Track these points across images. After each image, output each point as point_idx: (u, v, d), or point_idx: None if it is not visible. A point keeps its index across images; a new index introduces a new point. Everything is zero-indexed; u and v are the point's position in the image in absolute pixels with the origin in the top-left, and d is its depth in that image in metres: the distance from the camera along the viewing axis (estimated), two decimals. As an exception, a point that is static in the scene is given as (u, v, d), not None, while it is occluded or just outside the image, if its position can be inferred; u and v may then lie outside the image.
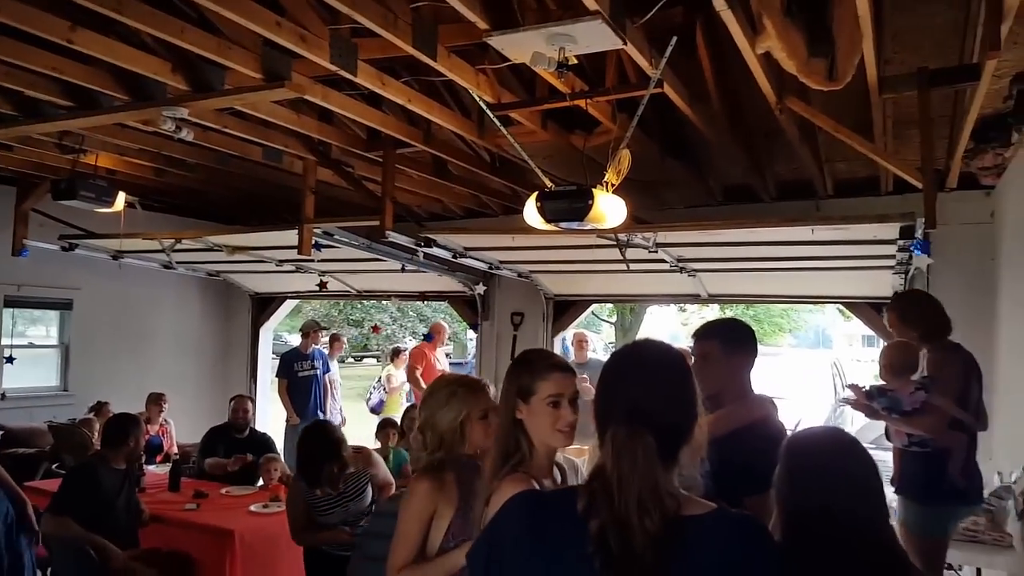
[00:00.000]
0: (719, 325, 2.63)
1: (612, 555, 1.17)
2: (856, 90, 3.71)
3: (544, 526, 1.29)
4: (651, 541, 1.16)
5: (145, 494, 4.89)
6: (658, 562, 1.16)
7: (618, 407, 1.28)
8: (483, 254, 5.93)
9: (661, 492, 1.20)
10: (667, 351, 1.39)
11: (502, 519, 1.36)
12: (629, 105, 3.75)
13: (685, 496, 1.27)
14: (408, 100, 3.85)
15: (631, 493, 1.19)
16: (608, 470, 1.22)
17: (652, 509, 1.18)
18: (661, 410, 1.28)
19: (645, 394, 1.29)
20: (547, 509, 1.33)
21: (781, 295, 6.49)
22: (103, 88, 3.83)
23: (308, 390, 7.74)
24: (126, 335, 7.88)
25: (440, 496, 2.26)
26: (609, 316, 16.94)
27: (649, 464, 1.21)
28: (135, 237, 6.06)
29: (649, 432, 1.23)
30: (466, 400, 2.36)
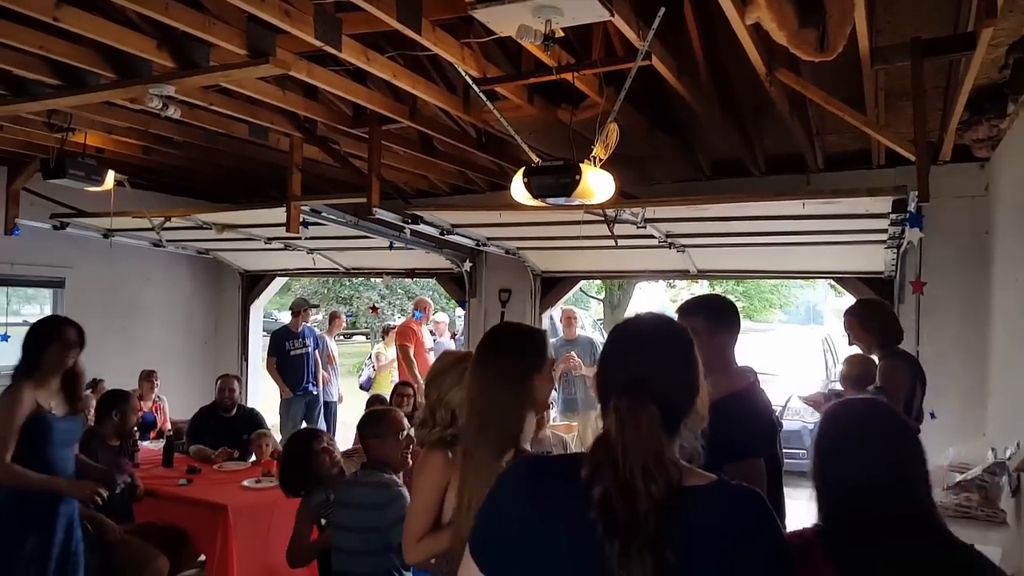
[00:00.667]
0: (703, 301, 2.65)
1: (616, 520, 1.17)
2: (847, 61, 3.66)
3: (546, 491, 1.29)
4: (654, 507, 1.17)
5: (139, 469, 4.92)
6: (661, 528, 1.16)
7: (620, 378, 1.28)
8: (470, 231, 5.90)
9: (665, 460, 1.21)
10: (669, 323, 1.41)
11: (504, 483, 1.36)
12: (616, 78, 3.71)
13: (687, 467, 1.28)
14: (393, 75, 3.81)
15: (636, 460, 1.20)
16: (612, 438, 1.23)
17: (657, 476, 1.19)
18: (663, 381, 1.28)
19: (647, 365, 1.30)
20: (549, 474, 1.33)
21: (771, 271, 6.49)
22: (89, 66, 3.79)
23: (300, 367, 7.77)
24: (118, 313, 7.88)
25: (453, 468, 2.26)
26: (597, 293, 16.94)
27: (653, 432, 1.22)
28: (125, 215, 6.04)
29: (652, 402, 1.23)
30: None
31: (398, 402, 5.84)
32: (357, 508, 2.99)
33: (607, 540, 1.16)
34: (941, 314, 5.37)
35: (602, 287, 16.57)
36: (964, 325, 5.24)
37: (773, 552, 1.23)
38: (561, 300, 7.32)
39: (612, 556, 1.15)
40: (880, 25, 3.62)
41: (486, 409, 2.01)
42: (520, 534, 1.26)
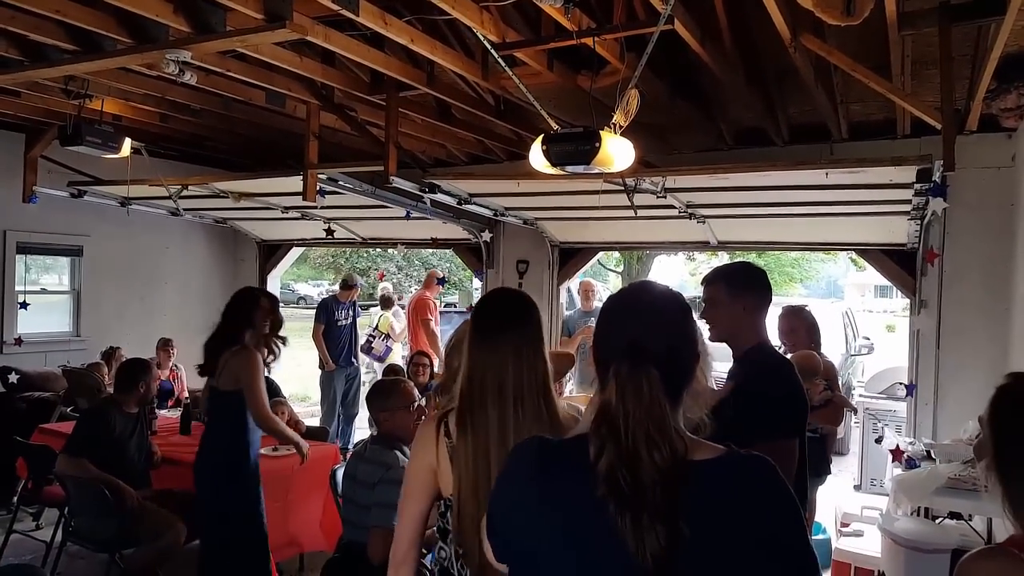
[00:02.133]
0: (725, 268, 2.59)
1: (623, 493, 1.13)
2: (874, 27, 3.58)
3: (554, 474, 1.26)
4: (660, 476, 1.13)
5: (157, 437, 4.98)
6: (670, 498, 1.12)
7: (620, 344, 1.24)
8: (488, 200, 5.86)
9: (668, 427, 1.17)
10: (666, 290, 1.38)
11: (513, 467, 1.34)
12: (638, 44, 3.64)
13: (693, 439, 1.24)
14: (411, 40, 3.76)
15: (639, 427, 1.16)
16: (613, 406, 1.19)
17: (661, 443, 1.15)
18: (663, 346, 1.24)
19: (646, 330, 1.26)
20: (557, 457, 1.29)
21: (793, 242, 6.41)
22: (106, 31, 3.76)
23: (342, 338, 7.79)
24: (135, 281, 7.96)
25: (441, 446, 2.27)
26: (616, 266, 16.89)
27: (655, 397, 1.18)
28: (142, 183, 6.05)
29: (652, 366, 1.19)
30: None
31: (414, 371, 5.87)
32: (358, 484, 3.00)
33: (619, 514, 1.13)
34: (964, 285, 5.30)
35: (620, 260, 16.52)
36: (987, 297, 5.17)
37: (788, 519, 1.19)
38: (579, 271, 7.28)
39: (626, 529, 1.12)
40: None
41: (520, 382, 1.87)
42: (530, 519, 1.24)
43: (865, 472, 7.16)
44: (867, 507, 5.20)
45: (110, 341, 6.98)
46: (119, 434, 4.31)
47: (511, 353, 1.86)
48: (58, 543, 4.49)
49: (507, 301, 2.01)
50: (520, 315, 1.93)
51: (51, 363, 6.86)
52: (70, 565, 4.66)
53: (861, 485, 7.12)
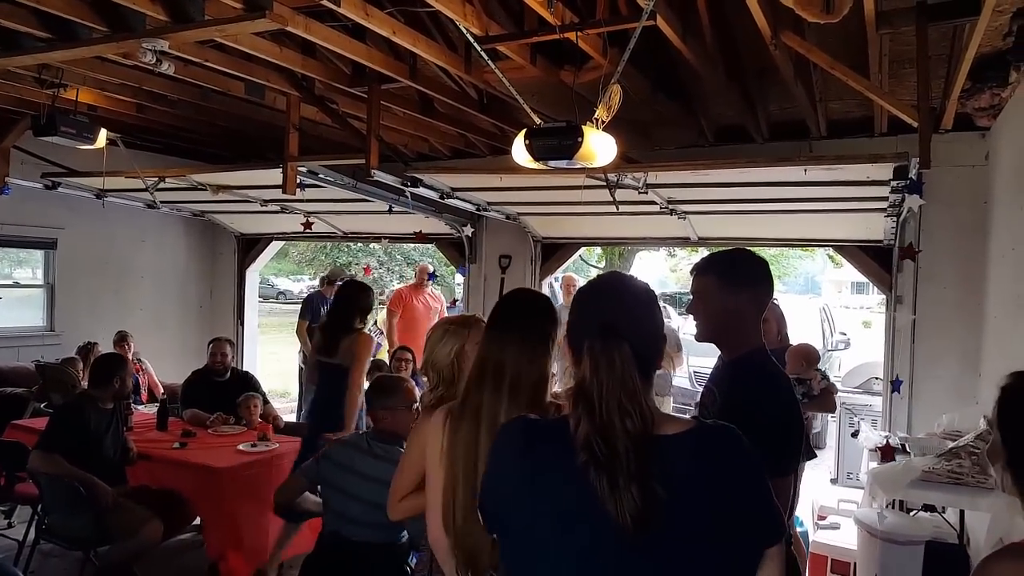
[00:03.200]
0: (719, 256, 2.22)
1: (598, 459, 1.22)
2: (852, 26, 3.62)
3: (540, 452, 1.34)
4: (633, 443, 1.22)
5: (132, 433, 4.92)
6: (641, 465, 1.21)
7: (593, 324, 1.33)
8: (470, 195, 5.86)
9: (640, 397, 1.26)
10: (634, 278, 1.49)
11: (501, 446, 1.42)
12: (621, 39, 3.65)
13: (662, 414, 1.32)
14: (393, 32, 3.73)
15: (611, 397, 1.25)
16: (588, 381, 1.28)
17: (632, 412, 1.24)
18: (633, 326, 1.34)
19: (618, 311, 1.36)
20: (542, 435, 1.37)
21: (772, 238, 6.47)
22: (81, 19, 3.68)
23: None
24: (111, 275, 7.85)
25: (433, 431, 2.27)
26: (598, 262, 16.93)
27: (627, 369, 1.27)
28: (118, 175, 5.97)
29: (625, 342, 1.29)
30: (458, 334, 2.41)
31: (396, 367, 5.86)
32: (359, 477, 2.99)
33: (597, 479, 1.21)
34: (938, 282, 5.38)
35: (602, 256, 16.57)
36: (961, 293, 5.25)
37: (755, 486, 1.28)
38: (561, 267, 7.30)
39: (604, 493, 1.20)
40: (887, -11, 3.58)
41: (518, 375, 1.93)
42: (519, 493, 1.32)
43: (841, 466, 7.25)
44: (843, 500, 5.26)
45: (84, 336, 6.88)
46: (94, 430, 4.24)
47: (515, 342, 1.93)
48: (31, 541, 4.41)
49: (524, 298, 2.13)
50: (532, 310, 2.03)
51: (24, 358, 6.76)
52: (43, 563, 4.58)
53: (838, 479, 7.22)
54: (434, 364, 2.42)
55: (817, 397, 4.38)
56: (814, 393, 4.36)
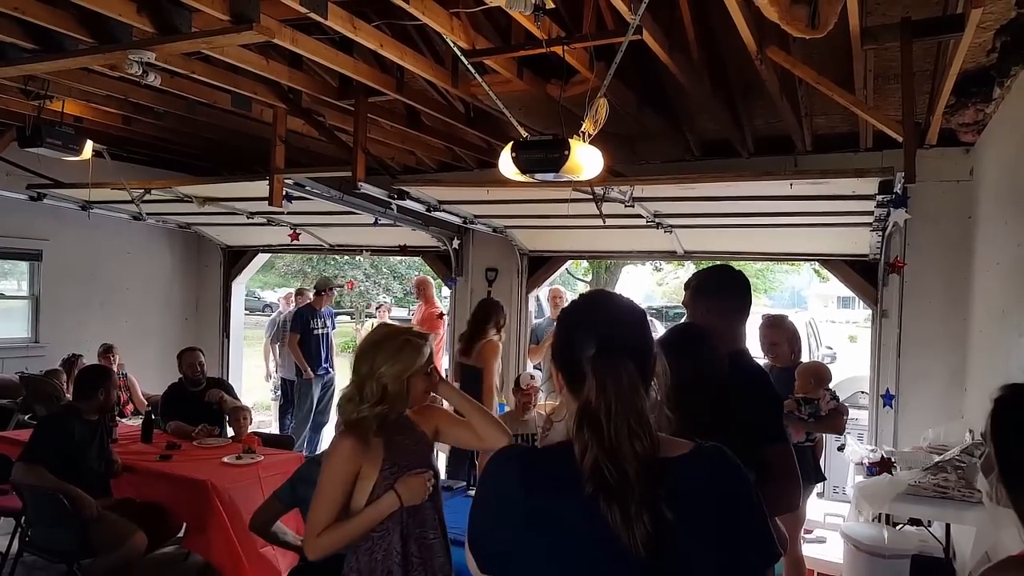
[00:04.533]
0: (698, 273, 2.61)
1: (609, 487, 1.16)
2: (837, 42, 3.66)
3: (541, 484, 1.26)
4: (642, 465, 1.18)
5: (117, 445, 4.88)
6: (652, 490, 1.17)
7: (589, 342, 1.27)
8: (457, 208, 5.85)
9: (647, 418, 1.22)
10: (622, 295, 1.44)
11: (496, 479, 1.33)
12: (607, 54, 3.67)
13: (663, 437, 1.28)
14: (380, 45, 3.73)
15: (621, 419, 1.19)
16: (594, 402, 1.21)
17: (642, 434, 1.20)
18: (632, 341, 1.29)
19: (614, 327, 1.31)
20: (541, 466, 1.31)
21: (758, 252, 6.49)
22: (67, 30, 3.67)
23: (319, 346, 7.73)
24: (96, 287, 7.79)
25: (365, 456, 2.20)
26: (584, 275, 16.95)
27: (634, 386, 1.22)
28: (104, 187, 5.93)
29: (628, 357, 1.24)
30: (418, 352, 2.29)
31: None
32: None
33: (608, 508, 1.16)
34: (924, 297, 5.41)
35: (589, 270, 16.60)
36: (946, 308, 5.28)
37: (753, 506, 1.27)
38: (548, 280, 7.29)
39: (616, 522, 1.15)
40: (871, 7, 3.62)
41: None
42: (517, 534, 1.24)
43: (828, 479, 7.25)
44: (830, 514, 5.27)
45: (69, 347, 6.82)
46: (78, 442, 4.20)
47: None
48: (14, 554, 4.37)
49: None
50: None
51: (8, 369, 6.70)
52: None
53: (824, 492, 7.21)
54: (380, 378, 2.23)
55: (824, 418, 4.25)
56: (822, 413, 4.25)
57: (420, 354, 2.27)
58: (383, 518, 2.20)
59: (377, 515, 2.18)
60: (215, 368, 8.18)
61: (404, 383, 2.24)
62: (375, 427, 2.22)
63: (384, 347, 2.26)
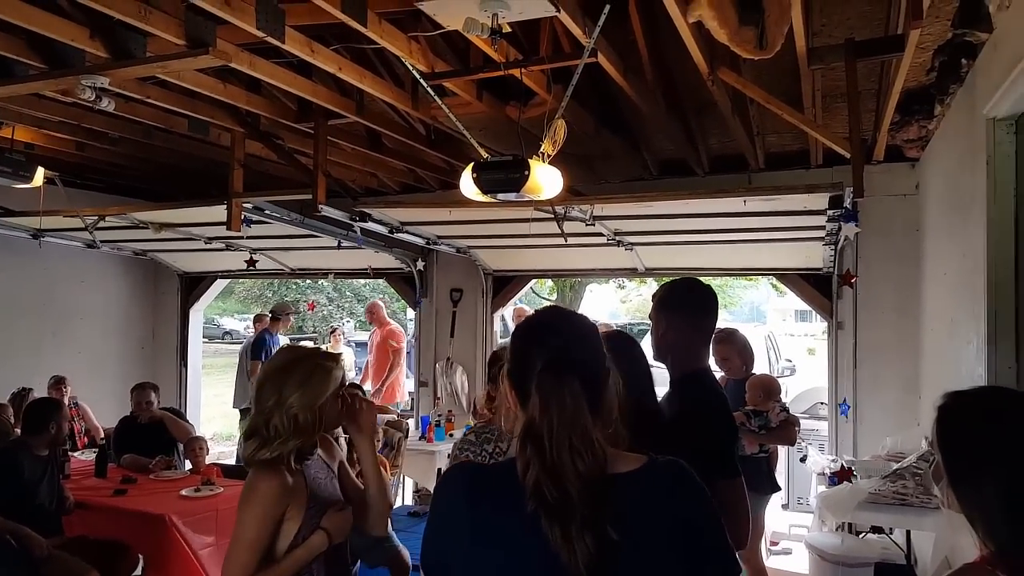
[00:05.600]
0: (663, 286, 2.50)
1: (550, 505, 1.16)
2: (786, 63, 3.77)
3: (486, 499, 1.28)
4: (584, 486, 1.17)
5: (70, 480, 4.73)
6: (596, 507, 1.16)
7: (539, 359, 1.27)
8: (420, 229, 5.86)
9: (591, 435, 1.21)
10: (575, 311, 1.47)
11: (444, 496, 1.34)
12: (564, 76, 3.73)
13: (614, 452, 1.27)
14: (339, 69, 3.75)
15: (562, 437, 1.19)
16: (537, 421, 1.22)
17: (584, 452, 1.18)
18: (582, 358, 1.29)
19: (566, 344, 1.30)
20: (487, 482, 1.32)
21: (717, 268, 6.60)
22: (17, 56, 3.61)
23: None
24: (49, 317, 7.59)
25: (291, 497, 2.02)
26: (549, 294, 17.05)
27: (578, 406, 1.21)
28: (56, 214, 5.80)
29: (575, 375, 1.24)
30: (329, 376, 2.12)
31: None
32: None
33: (549, 528, 1.15)
34: (877, 308, 5.55)
35: (554, 288, 16.70)
36: (899, 318, 5.43)
37: (710, 520, 1.27)
38: (512, 299, 7.32)
39: (557, 541, 1.15)
40: (816, 28, 3.74)
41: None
42: (464, 549, 1.25)
43: (792, 491, 7.34)
44: (794, 525, 5.34)
45: (21, 380, 6.60)
46: (28, 478, 4.07)
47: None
48: (-41, 598, 4.19)
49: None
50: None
51: (-45, 405, 6.44)
52: (-27, 620, 4.34)
53: (788, 504, 7.30)
54: (289, 408, 2.02)
55: (776, 429, 4.36)
56: (772, 425, 4.35)
57: (331, 379, 2.11)
58: (305, 565, 2.06)
59: (308, 556, 2.04)
60: (173, 398, 8.01)
61: (316, 412, 2.06)
62: (292, 464, 2.05)
63: (293, 373, 2.08)
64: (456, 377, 7.01)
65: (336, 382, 2.12)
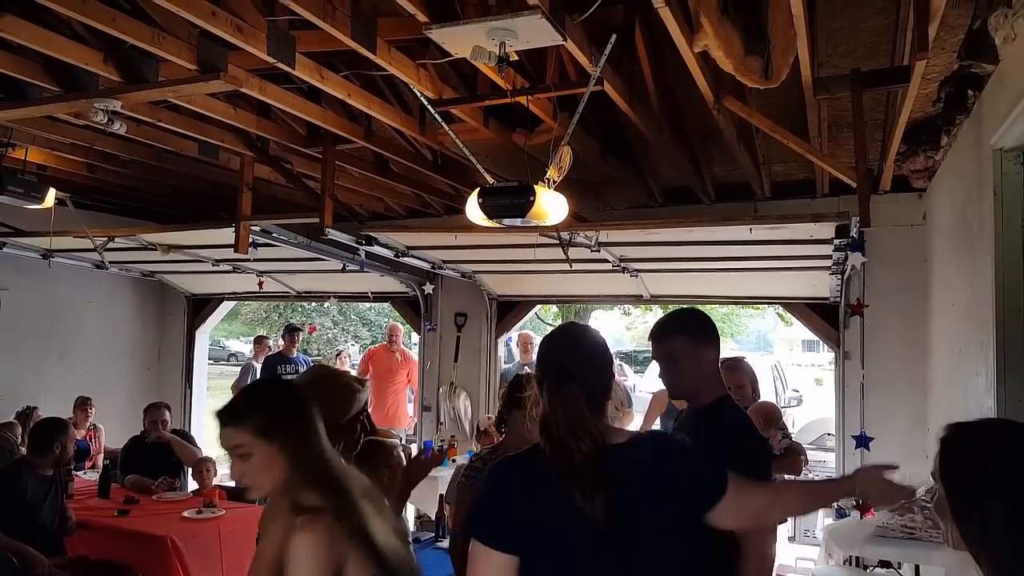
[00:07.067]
0: (676, 318, 2.36)
1: (564, 475, 1.56)
2: (792, 93, 3.79)
3: (525, 477, 1.64)
4: (586, 460, 1.55)
5: (73, 500, 4.72)
6: (599, 475, 1.54)
7: (551, 368, 1.68)
8: (426, 253, 5.88)
9: (589, 425, 1.59)
10: (587, 328, 1.85)
11: (495, 478, 1.69)
12: (570, 104, 3.76)
13: (609, 428, 1.68)
14: (348, 95, 3.79)
15: (566, 425, 1.58)
16: (547, 415, 1.62)
17: (583, 436, 1.57)
18: (584, 369, 1.67)
19: (570, 357, 1.69)
20: (524, 464, 1.67)
21: (722, 296, 6.59)
22: (32, 79, 3.67)
23: None
24: (56, 337, 7.61)
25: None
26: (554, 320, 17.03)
27: (576, 404, 1.60)
28: (66, 235, 5.84)
29: (575, 383, 1.62)
30: (356, 397, 2.12)
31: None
32: None
33: (566, 490, 1.53)
34: (884, 338, 5.52)
35: (558, 315, 16.69)
36: (906, 349, 5.39)
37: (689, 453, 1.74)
38: (517, 324, 7.31)
39: (578, 499, 1.53)
40: (822, 58, 3.76)
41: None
42: (519, 516, 1.60)
43: (798, 523, 7.25)
44: (801, 558, 5.26)
45: (26, 399, 6.61)
46: (31, 498, 4.07)
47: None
48: (-42, 618, 4.16)
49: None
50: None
51: (-39, 423, 6.44)
52: (-30, 641, 4.31)
53: (795, 536, 7.21)
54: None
55: (779, 458, 4.24)
56: (775, 453, 4.24)
57: (355, 400, 2.10)
58: None
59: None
60: (177, 420, 7.99)
61: (336, 430, 1.99)
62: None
63: (317, 391, 2.03)
64: (459, 402, 6.98)
65: (359, 404, 2.18)
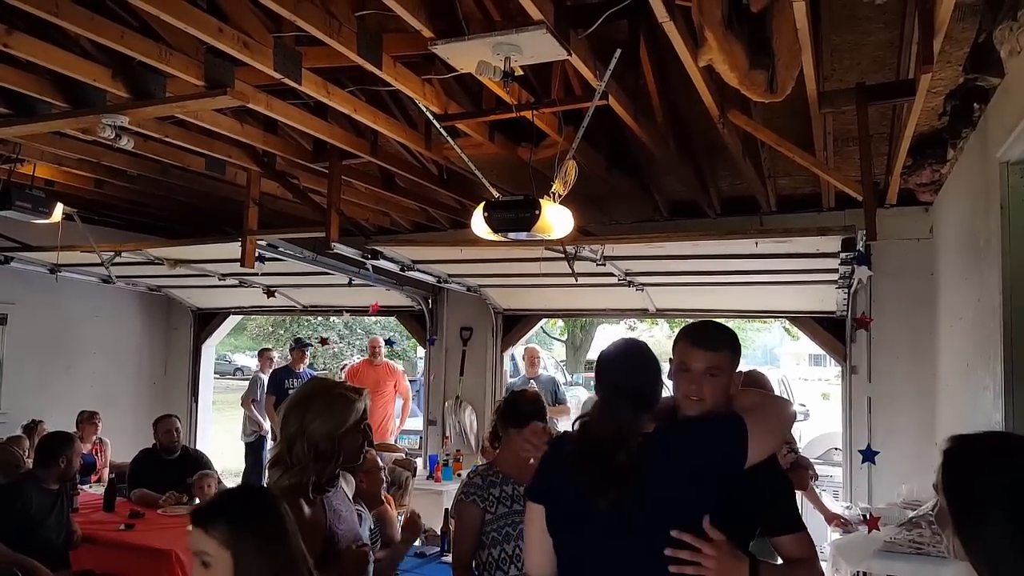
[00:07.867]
0: (726, 331, 2.04)
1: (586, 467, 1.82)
2: (797, 106, 3.79)
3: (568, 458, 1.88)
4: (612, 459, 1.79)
5: (78, 514, 4.71)
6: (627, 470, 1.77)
7: (605, 380, 1.92)
8: (431, 267, 5.88)
9: (624, 432, 1.80)
10: (637, 345, 2.00)
11: (550, 452, 2.04)
12: (575, 118, 3.77)
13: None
14: (354, 110, 3.81)
15: (607, 432, 1.81)
16: (592, 419, 1.87)
17: (617, 449, 1.78)
18: (635, 385, 1.87)
19: (623, 374, 1.90)
20: (567, 446, 1.91)
21: (728, 310, 6.57)
22: (40, 95, 3.70)
23: None
24: (63, 351, 7.64)
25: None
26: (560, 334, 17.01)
27: (623, 414, 1.81)
28: (73, 250, 5.87)
29: (624, 396, 1.83)
30: (354, 407, 2.13)
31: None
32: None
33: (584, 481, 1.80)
34: (891, 353, 5.49)
35: (564, 329, 16.66)
36: (914, 363, 5.36)
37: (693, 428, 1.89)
38: (523, 338, 7.30)
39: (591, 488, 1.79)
40: (827, 72, 3.77)
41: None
42: (561, 483, 1.90)
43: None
44: (808, 573, 5.20)
45: (32, 413, 6.61)
46: (36, 512, 4.05)
47: None
48: (-38, 632, 4.15)
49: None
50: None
51: (-33, 437, 6.45)
52: (-25, 656, 4.29)
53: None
54: (309, 436, 2.04)
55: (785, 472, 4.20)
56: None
57: (353, 410, 2.12)
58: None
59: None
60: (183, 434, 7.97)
61: (336, 442, 2.08)
62: (310, 494, 2.04)
63: (316, 401, 2.11)
64: (465, 416, 6.97)
65: (357, 414, 2.15)
